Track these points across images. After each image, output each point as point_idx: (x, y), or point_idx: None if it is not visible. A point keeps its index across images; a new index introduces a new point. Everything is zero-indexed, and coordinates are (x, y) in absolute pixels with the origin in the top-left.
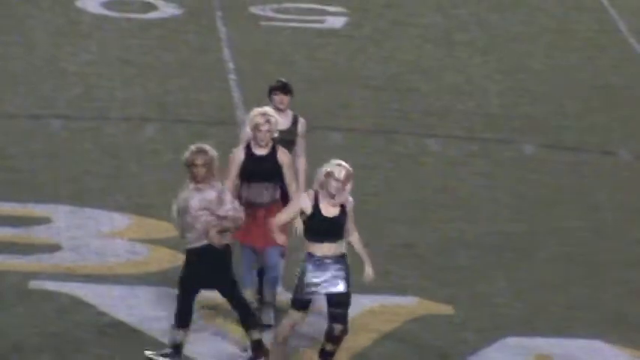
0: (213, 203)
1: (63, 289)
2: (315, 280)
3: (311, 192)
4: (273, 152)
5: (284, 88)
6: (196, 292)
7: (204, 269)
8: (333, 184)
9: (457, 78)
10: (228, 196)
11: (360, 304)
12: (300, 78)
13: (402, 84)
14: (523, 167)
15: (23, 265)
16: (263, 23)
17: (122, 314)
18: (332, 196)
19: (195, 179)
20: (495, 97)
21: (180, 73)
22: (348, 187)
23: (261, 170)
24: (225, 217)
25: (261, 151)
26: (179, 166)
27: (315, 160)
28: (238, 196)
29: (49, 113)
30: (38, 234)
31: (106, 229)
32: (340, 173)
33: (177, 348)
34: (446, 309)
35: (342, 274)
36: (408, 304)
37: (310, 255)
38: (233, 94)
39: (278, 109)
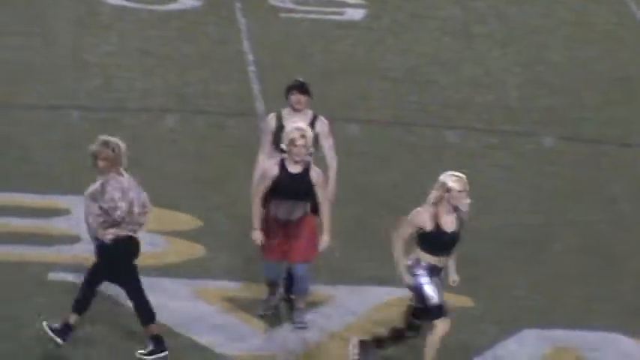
0: (97, 193)
1: (82, 280)
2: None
3: (429, 208)
4: (306, 170)
5: (301, 88)
6: (98, 284)
7: (103, 264)
8: (460, 196)
9: (476, 70)
10: (110, 187)
11: (378, 296)
12: (319, 70)
13: (420, 76)
14: (542, 159)
15: (43, 256)
16: (282, 15)
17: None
18: (454, 209)
19: (98, 171)
20: (514, 90)
21: (200, 64)
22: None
23: (294, 189)
24: (107, 211)
25: (295, 169)
26: (199, 157)
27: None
28: (265, 212)
29: (69, 104)
30: (57, 225)
31: None
32: (462, 184)
33: (67, 325)
34: (464, 301)
35: (441, 284)
36: None
37: (423, 264)
38: (252, 86)
39: (295, 110)
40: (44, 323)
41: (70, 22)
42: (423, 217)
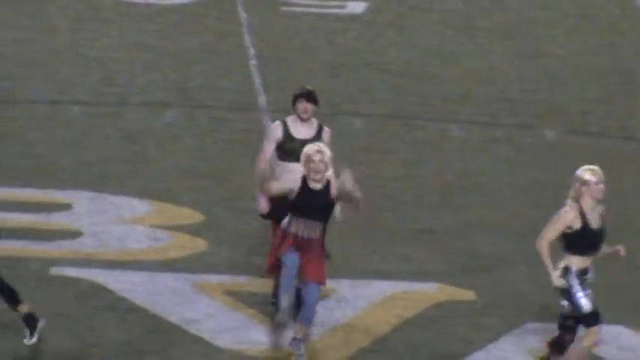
0: None
1: (83, 275)
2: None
3: (574, 205)
4: (327, 187)
5: (309, 96)
6: None
7: None
8: (598, 188)
9: (478, 63)
10: None
11: (381, 290)
12: (320, 63)
13: (422, 70)
14: (544, 153)
15: (44, 252)
16: (284, 9)
17: (142, 300)
18: (597, 203)
19: None
20: (516, 83)
21: (201, 58)
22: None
23: (316, 205)
24: None
25: (316, 185)
26: (200, 152)
27: (336, 147)
28: (283, 231)
29: (69, 99)
30: (59, 220)
31: (126, 215)
32: (598, 176)
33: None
34: (467, 295)
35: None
36: (429, 290)
37: (573, 270)
38: (254, 80)
39: (301, 119)
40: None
41: (69, 17)
42: (570, 216)
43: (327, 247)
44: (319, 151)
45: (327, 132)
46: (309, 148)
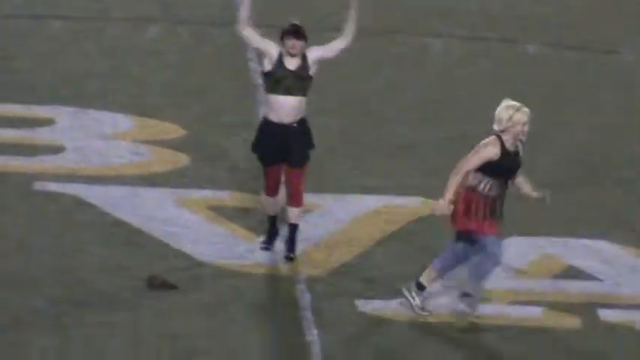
0: None
1: (66, 190)
2: None
3: (496, 140)
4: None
5: (297, 33)
6: None
7: None
8: (524, 130)
9: None
10: None
11: (364, 205)
12: None
13: None
14: (526, 67)
15: (27, 167)
16: None
17: (126, 215)
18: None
19: None
20: None
21: None
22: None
23: (514, 168)
24: None
25: (514, 148)
26: (183, 67)
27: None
28: (471, 186)
29: (51, 13)
30: (41, 135)
31: (108, 131)
32: (527, 117)
33: None
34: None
35: None
36: (411, 204)
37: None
38: None
39: (290, 54)
40: None
41: None
42: (492, 151)
43: None
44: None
45: (312, 50)
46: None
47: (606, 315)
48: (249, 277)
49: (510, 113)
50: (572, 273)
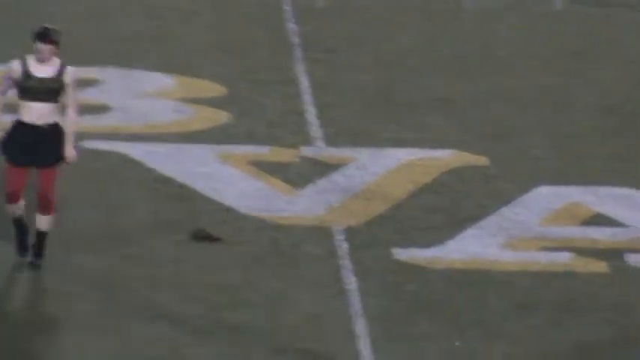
0: None
1: (112, 148)
2: None
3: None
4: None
5: (44, 37)
6: None
7: None
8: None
9: None
10: None
11: (397, 158)
12: None
13: None
14: (559, 20)
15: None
16: None
17: (170, 171)
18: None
19: None
20: None
21: None
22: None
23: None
24: None
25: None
26: (220, 26)
27: (354, 20)
28: None
29: None
30: (87, 95)
31: (152, 90)
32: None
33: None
34: (481, 160)
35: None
36: (445, 157)
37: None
38: None
39: (39, 60)
40: None
41: None
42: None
43: None
44: None
45: (69, 72)
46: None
47: (634, 260)
48: (289, 228)
49: None
50: (600, 220)
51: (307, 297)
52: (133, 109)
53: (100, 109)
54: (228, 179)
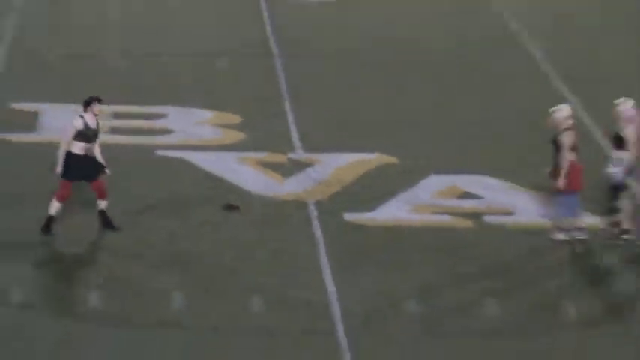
0: None
1: (175, 155)
2: None
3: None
4: None
5: (99, 101)
6: None
7: None
8: None
9: None
10: None
11: (345, 159)
12: None
13: None
14: None
15: (150, 142)
16: None
17: (210, 168)
18: None
19: None
20: None
21: None
22: None
23: None
24: None
25: None
26: (238, 80)
27: None
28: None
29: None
30: (158, 123)
31: (198, 120)
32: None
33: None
34: (394, 160)
35: None
36: (373, 158)
37: None
38: None
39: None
40: None
41: None
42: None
43: None
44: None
45: (101, 123)
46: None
47: (487, 220)
48: (280, 202)
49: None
50: (467, 196)
51: (290, 244)
52: (187, 132)
53: (166, 131)
54: (244, 173)
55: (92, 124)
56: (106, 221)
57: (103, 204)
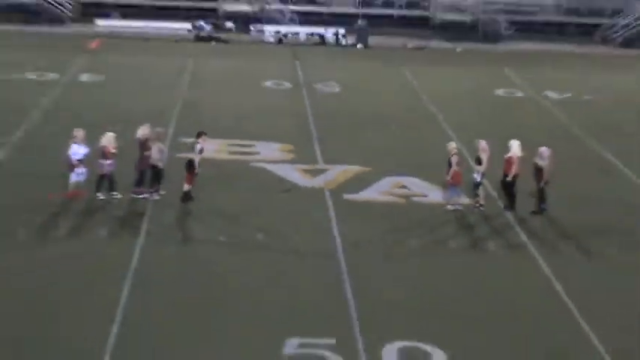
0: None
1: (259, 166)
2: None
3: None
4: None
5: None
6: None
7: None
8: None
9: None
10: None
11: (342, 167)
12: None
13: None
14: None
15: (246, 159)
16: None
17: (279, 173)
18: None
19: None
20: None
21: None
22: None
23: None
24: None
25: None
26: (296, 122)
27: None
28: None
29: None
30: (249, 150)
31: (273, 147)
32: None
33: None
34: (367, 170)
35: None
36: (355, 169)
37: None
38: None
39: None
40: None
41: None
42: None
43: None
44: None
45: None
46: None
47: (415, 200)
48: (309, 190)
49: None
50: (405, 187)
51: (315, 209)
52: (266, 154)
53: (256, 153)
54: (294, 174)
55: (203, 147)
56: (187, 197)
57: (188, 187)
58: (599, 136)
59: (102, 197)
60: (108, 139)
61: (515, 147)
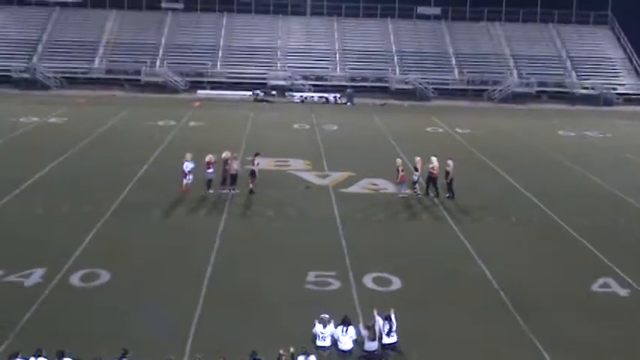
0: None
1: (292, 173)
2: None
3: None
4: None
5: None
6: None
7: None
8: None
9: None
10: None
11: (339, 174)
12: None
13: None
14: None
15: (281, 169)
16: None
17: (306, 178)
18: None
19: None
20: None
21: None
22: None
23: None
24: None
25: None
26: (323, 146)
27: None
28: None
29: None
30: (285, 164)
31: (299, 162)
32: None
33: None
34: (352, 175)
35: None
36: (345, 176)
37: None
38: None
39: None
40: None
41: None
42: None
43: None
44: None
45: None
46: None
47: (381, 192)
48: (320, 187)
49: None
50: (375, 185)
51: (323, 198)
52: (295, 166)
53: (290, 166)
54: (312, 178)
55: (259, 162)
56: (251, 192)
57: (251, 186)
58: (484, 152)
59: (210, 192)
60: (209, 158)
61: (434, 160)
